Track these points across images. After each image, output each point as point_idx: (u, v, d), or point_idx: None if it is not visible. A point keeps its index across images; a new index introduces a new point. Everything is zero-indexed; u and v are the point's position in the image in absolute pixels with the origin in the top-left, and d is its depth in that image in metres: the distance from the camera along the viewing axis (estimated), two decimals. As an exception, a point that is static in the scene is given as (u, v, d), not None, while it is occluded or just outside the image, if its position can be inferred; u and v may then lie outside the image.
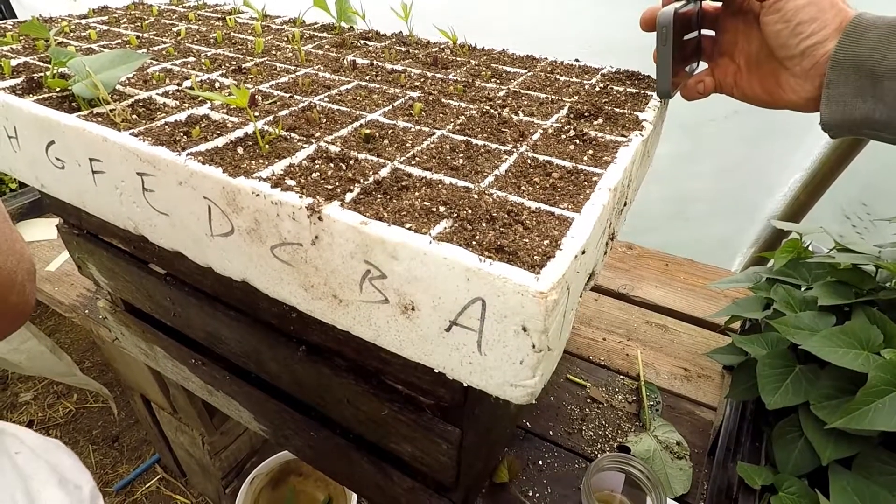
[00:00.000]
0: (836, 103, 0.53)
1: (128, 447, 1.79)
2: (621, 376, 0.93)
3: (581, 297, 0.45)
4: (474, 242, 0.35)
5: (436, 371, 0.41)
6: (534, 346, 0.34)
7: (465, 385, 0.40)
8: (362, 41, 0.81)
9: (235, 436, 1.42)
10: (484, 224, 0.37)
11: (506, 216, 0.38)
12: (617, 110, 0.57)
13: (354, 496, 1.34)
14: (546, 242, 0.35)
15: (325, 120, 0.53)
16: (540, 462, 0.79)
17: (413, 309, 0.38)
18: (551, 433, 0.83)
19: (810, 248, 0.69)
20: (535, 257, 0.34)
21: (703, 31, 0.64)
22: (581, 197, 0.41)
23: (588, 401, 0.88)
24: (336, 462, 0.72)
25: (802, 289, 0.59)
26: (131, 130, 0.49)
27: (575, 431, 0.83)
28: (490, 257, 0.34)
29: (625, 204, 0.53)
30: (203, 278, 0.64)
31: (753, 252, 1.34)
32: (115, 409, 1.70)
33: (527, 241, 0.36)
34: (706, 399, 0.89)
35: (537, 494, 0.74)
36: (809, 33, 0.52)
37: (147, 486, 1.67)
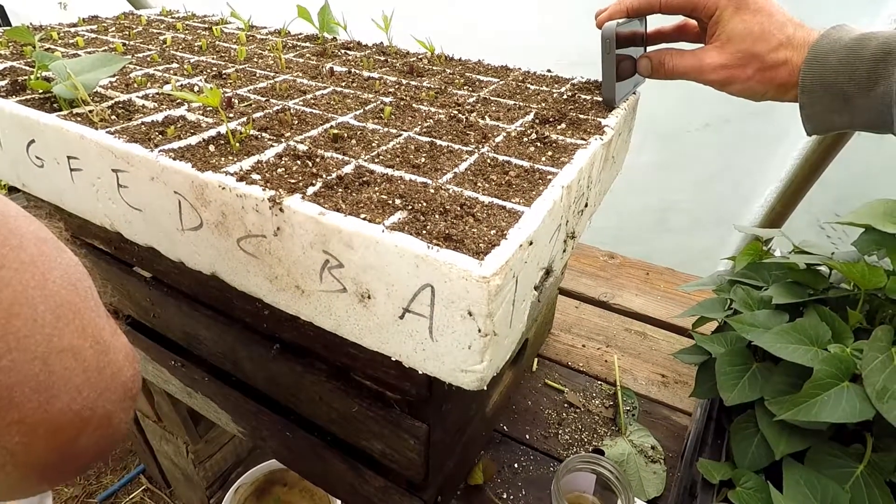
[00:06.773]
0: (815, 119, 0.55)
1: (112, 458, 1.78)
2: (599, 382, 0.94)
3: (540, 292, 0.46)
4: (425, 232, 0.37)
5: (393, 359, 0.42)
6: (479, 331, 0.35)
7: (420, 373, 0.41)
8: (343, 50, 0.83)
9: (220, 444, 1.42)
10: (437, 216, 0.39)
11: (458, 209, 0.40)
12: (581, 116, 0.59)
13: (339, 504, 1.33)
14: (493, 232, 0.37)
15: (297, 121, 0.55)
16: (515, 465, 0.80)
17: (369, 297, 0.39)
18: (528, 437, 0.84)
19: (775, 253, 0.71)
20: (481, 245, 0.35)
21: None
22: (533, 193, 0.43)
23: (565, 405, 0.89)
24: (311, 462, 0.73)
25: (762, 290, 0.60)
26: (108, 129, 0.51)
27: (551, 435, 0.84)
28: (438, 245, 0.35)
29: (585, 205, 0.55)
30: (181, 277, 0.65)
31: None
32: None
33: (475, 231, 0.37)
34: (682, 405, 0.90)
35: (512, 497, 0.75)
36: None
37: (131, 496, 1.65)
